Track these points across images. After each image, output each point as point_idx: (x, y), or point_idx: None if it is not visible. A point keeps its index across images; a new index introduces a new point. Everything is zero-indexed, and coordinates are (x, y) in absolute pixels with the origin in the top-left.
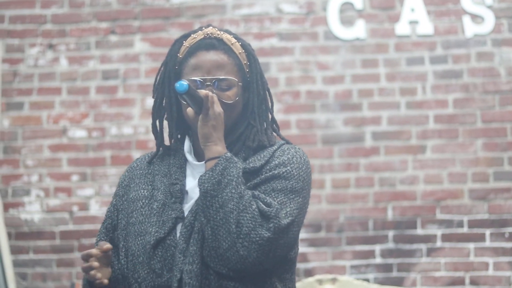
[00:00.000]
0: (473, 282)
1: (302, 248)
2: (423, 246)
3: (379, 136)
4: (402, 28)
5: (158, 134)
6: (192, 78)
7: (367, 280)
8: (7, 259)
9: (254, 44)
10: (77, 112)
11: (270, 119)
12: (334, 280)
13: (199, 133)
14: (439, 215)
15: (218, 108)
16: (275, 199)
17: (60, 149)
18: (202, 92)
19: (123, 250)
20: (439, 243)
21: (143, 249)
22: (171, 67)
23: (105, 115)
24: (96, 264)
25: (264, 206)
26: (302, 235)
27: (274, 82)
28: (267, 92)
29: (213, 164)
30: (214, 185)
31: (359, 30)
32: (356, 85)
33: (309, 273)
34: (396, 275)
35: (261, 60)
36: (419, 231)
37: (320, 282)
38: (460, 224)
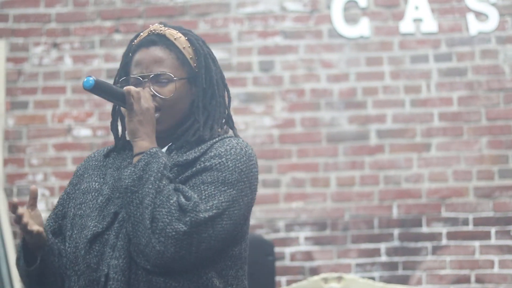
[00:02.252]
0: (478, 280)
1: (307, 247)
2: (428, 244)
3: (384, 134)
4: (406, 26)
5: (115, 129)
6: (132, 76)
7: (372, 278)
8: (13, 258)
9: (259, 42)
10: (82, 111)
11: (224, 115)
12: (339, 279)
13: (127, 128)
14: (444, 213)
15: (146, 103)
16: (203, 192)
17: (64, 148)
18: (126, 88)
19: (69, 241)
20: (444, 241)
21: (82, 243)
22: (122, 67)
23: (110, 114)
24: (21, 210)
25: (183, 200)
26: (307, 233)
27: (278, 80)
28: (216, 88)
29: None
30: (134, 181)
31: (363, 28)
32: (361, 83)
33: (314, 271)
34: (401, 273)
35: (266, 58)
36: (424, 229)
37: (325, 280)
38: (465, 222)
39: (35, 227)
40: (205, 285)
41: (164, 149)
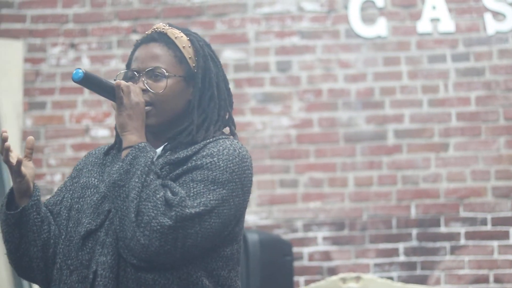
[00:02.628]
0: (497, 280)
1: (325, 247)
2: (446, 244)
3: (402, 134)
4: (423, 25)
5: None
6: (128, 70)
7: (390, 278)
8: None
9: (276, 42)
10: (99, 111)
11: (225, 119)
12: (357, 279)
13: (116, 122)
14: (463, 213)
15: (136, 97)
16: (192, 189)
17: (82, 148)
18: (117, 81)
19: (64, 233)
20: (462, 241)
21: (76, 239)
22: (126, 65)
23: None
24: (8, 144)
25: (170, 195)
26: (325, 233)
27: (295, 81)
28: (215, 89)
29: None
30: (121, 175)
31: (380, 28)
32: (378, 83)
33: (332, 271)
34: (419, 273)
35: (283, 58)
36: (443, 229)
37: (343, 280)
38: (483, 222)
39: (23, 169)
40: (195, 283)
41: (159, 149)
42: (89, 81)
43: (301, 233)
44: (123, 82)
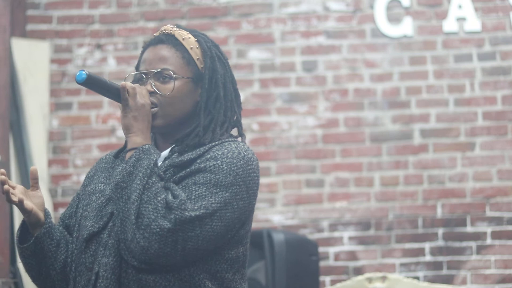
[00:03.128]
0: None
1: (351, 246)
2: (473, 244)
3: (428, 133)
4: (449, 25)
5: None
6: (136, 72)
7: (417, 278)
8: None
9: (301, 42)
10: None
11: (232, 120)
12: (383, 278)
13: (121, 123)
14: (489, 213)
15: (142, 99)
16: (193, 192)
17: (109, 148)
18: (122, 83)
19: (75, 242)
20: (489, 241)
21: (79, 243)
22: (136, 66)
23: None
24: (6, 187)
25: (171, 198)
26: (351, 233)
27: (321, 80)
28: (222, 90)
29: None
30: (124, 176)
31: (406, 27)
32: (404, 82)
33: (358, 271)
34: (446, 272)
35: (309, 58)
36: (469, 228)
37: (369, 280)
38: (510, 221)
39: (28, 204)
40: (197, 285)
41: (167, 151)
42: (93, 83)
43: (327, 233)
44: (128, 84)
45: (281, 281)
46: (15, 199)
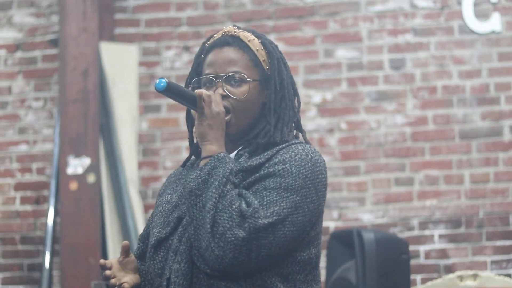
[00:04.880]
0: None
1: (442, 244)
2: None
3: None
4: None
5: (190, 139)
6: (204, 76)
7: (508, 275)
8: None
9: (389, 40)
10: None
11: (294, 120)
12: (475, 276)
13: (196, 132)
14: None
15: (217, 107)
16: (265, 198)
17: None
18: (198, 91)
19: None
20: None
21: (148, 250)
22: (194, 69)
23: None
24: (108, 272)
25: (244, 206)
26: (441, 231)
27: (410, 78)
28: (286, 91)
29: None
30: (199, 184)
31: (494, 23)
32: (493, 79)
33: (449, 269)
34: None
35: (397, 56)
36: None
37: (461, 278)
38: None
39: (125, 282)
40: None
41: (233, 153)
42: (171, 91)
43: (417, 231)
44: (204, 92)
45: (371, 280)
46: (125, 286)
